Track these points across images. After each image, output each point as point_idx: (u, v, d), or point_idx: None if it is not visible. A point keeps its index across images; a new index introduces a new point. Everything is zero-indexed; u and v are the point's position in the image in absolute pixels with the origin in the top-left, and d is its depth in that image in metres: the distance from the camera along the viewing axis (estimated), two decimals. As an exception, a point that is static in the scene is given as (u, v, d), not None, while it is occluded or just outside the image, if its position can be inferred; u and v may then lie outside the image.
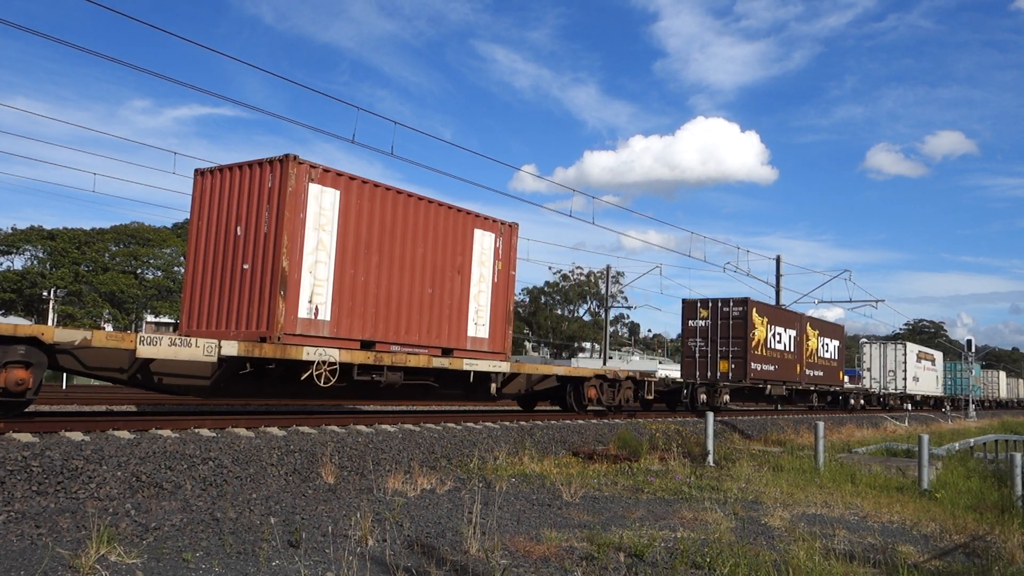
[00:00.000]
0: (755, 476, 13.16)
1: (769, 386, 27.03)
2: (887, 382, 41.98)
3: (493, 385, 15.82)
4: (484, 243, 15.79)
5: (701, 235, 74.71)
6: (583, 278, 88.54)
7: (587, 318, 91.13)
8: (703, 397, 24.12)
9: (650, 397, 20.69)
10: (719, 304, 26.15)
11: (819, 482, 12.85)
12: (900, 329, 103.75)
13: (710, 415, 15.87)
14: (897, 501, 11.35)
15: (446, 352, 14.79)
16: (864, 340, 44.63)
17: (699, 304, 26.48)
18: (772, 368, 27.01)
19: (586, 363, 60.71)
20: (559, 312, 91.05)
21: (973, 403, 50.21)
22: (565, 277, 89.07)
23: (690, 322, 26.66)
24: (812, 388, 31.19)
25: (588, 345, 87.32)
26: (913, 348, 44.70)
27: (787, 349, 28.55)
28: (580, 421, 17.80)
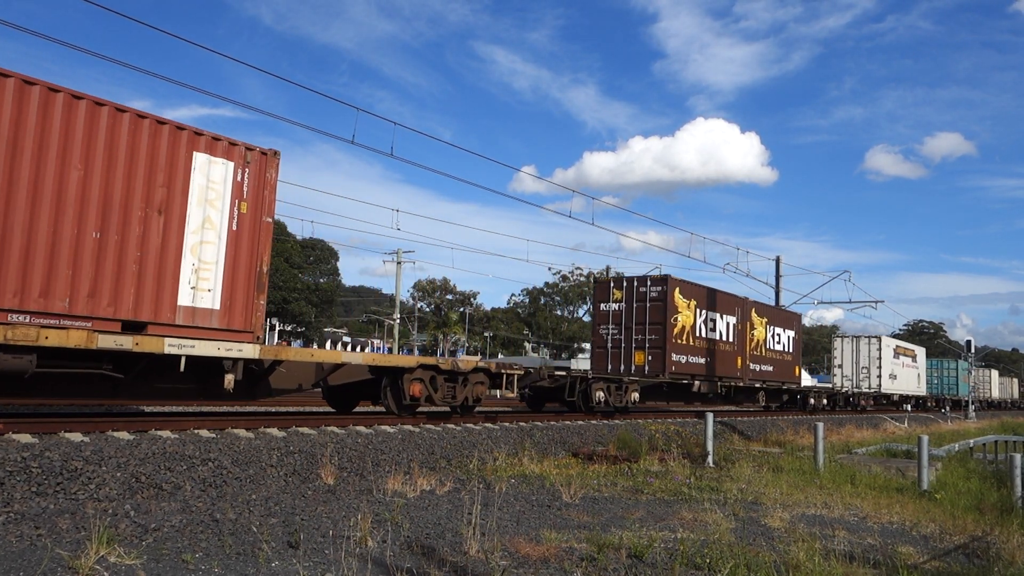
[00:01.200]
0: (755, 477, 13.16)
1: (697, 382, 22.68)
2: (860, 380, 38.81)
3: (229, 376, 11.22)
4: (213, 174, 11.20)
5: (701, 236, 74.58)
6: (583, 279, 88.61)
7: (587, 319, 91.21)
8: (599, 395, 18.96)
9: (511, 395, 16.95)
10: (635, 283, 21.81)
11: (819, 483, 12.85)
12: (900, 330, 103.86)
13: (709, 416, 15.86)
14: (897, 502, 11.35)
15: (132, 327, 10.23)
16: (836, 335, 41.83)
17: (612, 284, 22.36)
18: (702, 361, 23.09)
19: (586, 364, 58.53)
20: (559, 313, 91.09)
21: (973, 404, 49.44)
22: (565, 278, 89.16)
23: (602, 305, 22.42)
24: (758, 385, 27.04)
25: (588, 346, 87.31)
26: (889, 343, 41.37)
27: (724, 339, 24.57)
28: (580, 422, 17.79)
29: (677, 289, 21.98)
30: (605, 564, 6.74)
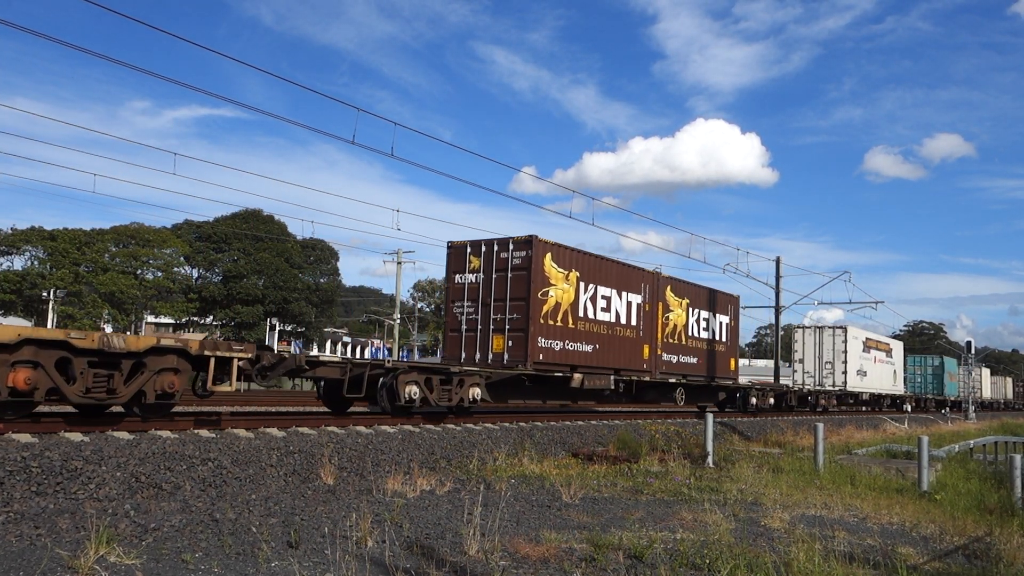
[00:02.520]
0: (755, 477, 13.15)
1: (579, 375, 17.81)
2: (823, 377, 34.61)
3: None
4: None
5: (701, 236, 74.70)
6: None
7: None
8: (411, 391, 13.66)
9: (228, 388, 11.29)
10: (495, 248, 17.20)
11: (819, 483, 12.85)
12: (900, 330, 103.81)
13: (709, 416, 15.86)
14: (897, 503, 11.34)
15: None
16: (797, 326, 37.01)
17: (469, 248, 17.56)
18: (588, 348, 18.29)
19: None
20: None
21: (973, 405, 48.79)
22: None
23: (456, 277, 17.63)
24: (674, 380, 22.29)
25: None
26: (858, 334, 36.78)
27: (623, 322, 19.73)
28: (580, 423, 17.79)
29: (549, 255, 17.06)
30: (605, 565, 6.74)
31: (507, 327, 16.82)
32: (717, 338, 24.87)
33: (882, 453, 19.00)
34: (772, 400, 28.06)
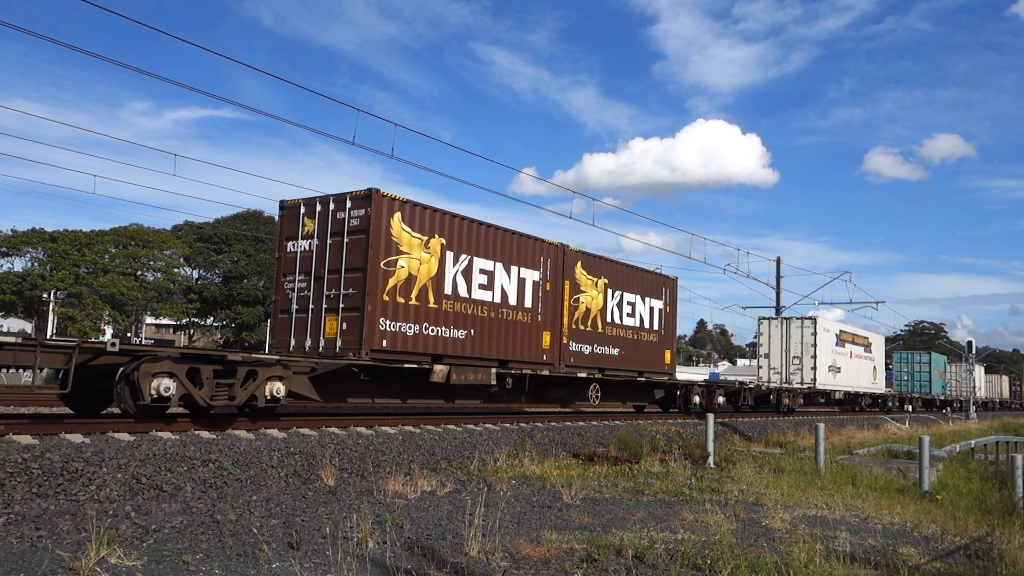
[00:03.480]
0: (756, 478, 13.15)
1: (443, 367, 14.23)
2: (790, 373, 31.13)
3: None
4: None
5: (701, 237, 74.75)
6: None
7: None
8: (160, 385, 10.29)
9: None
10: (330, 207, 13.86)
11: (820, 484, 12.84)
12: (901, 331, 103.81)
13: (710, 417, 15.86)
14: (898, 503, 11.33)
15: None
16: (763, 317, 33.02)
17: (303, 210, 14.21)
18: (460, 334, 14.79)
19: None
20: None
21: (974, 404, 48.36)
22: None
23: (289, 245, 14.34)
24: (586, 375, 18.63)
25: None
26: (830, 326, 33.13)
27: (510, 302, 16.21)
28: (581, 423, 17.78)
29: (398, 216, 13.68)
30: (606, 565, 6.74)
31: (341, 306, 13.43)
32: (646, 326, 21.07)
33: (883, 453, 18.99)
34: (722, 399, 24.87)
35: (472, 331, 15.28)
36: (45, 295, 61.54)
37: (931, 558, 8.10)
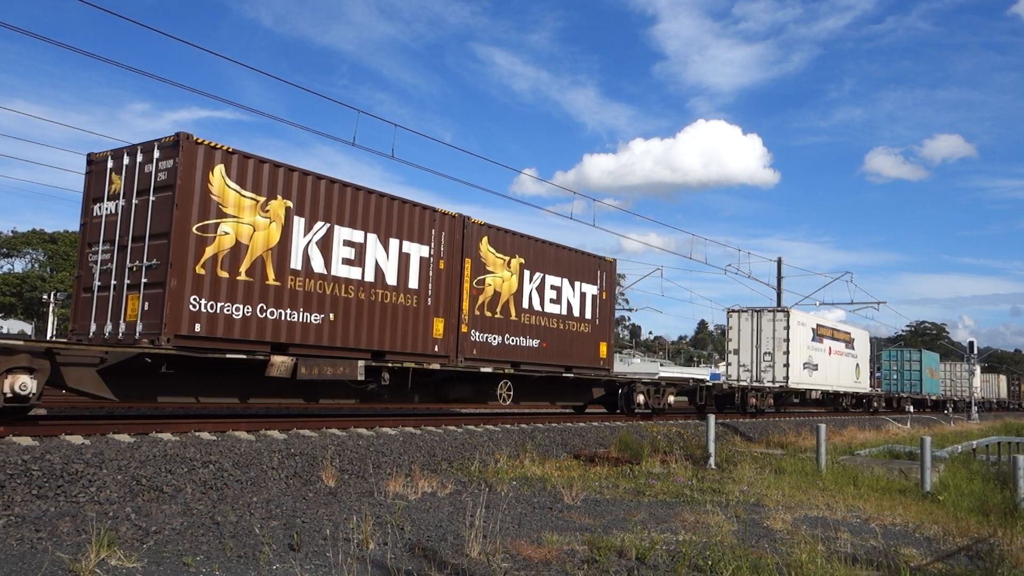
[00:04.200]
0: (757, 479, 13.13)
1: (284, 358, 11.85)
2: (761, 371, 28.66)
3: None
4: None
5: (702, 237, 74.75)
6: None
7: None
8: None
9: None
10: (138, 158, 11.38)
11: (821, 484, 12.82)
12: (902, 331, 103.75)
13: (711, 417, 15.85)
14: (900, 503, 11.32)
15: None
16: (732, 310, 30.27)
17: (111, 164, 11.68)
18: (315, 319, 12.39)
19: None
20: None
21: (976, 405, 47.92)
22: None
23: (95, 208, 11.86)
24: (495, 370, 16.04)
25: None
26: (805, 319, 30.47)
27: (388, 282, 13.67)
28: (582, 424, 17.77)
29: (220, 169, 11.34)
30: (607, 567, 6.72)
31: (144, 281, 10.94)
32: (576, 314, 18.31)
33: (885, 454, 18.96)
34: (672, 399, 22.05)
35: (332, 315, 12.66)
36: (45, 296, 61.61)
37: (933, 559, 8.09)
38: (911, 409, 41.52)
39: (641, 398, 20.51)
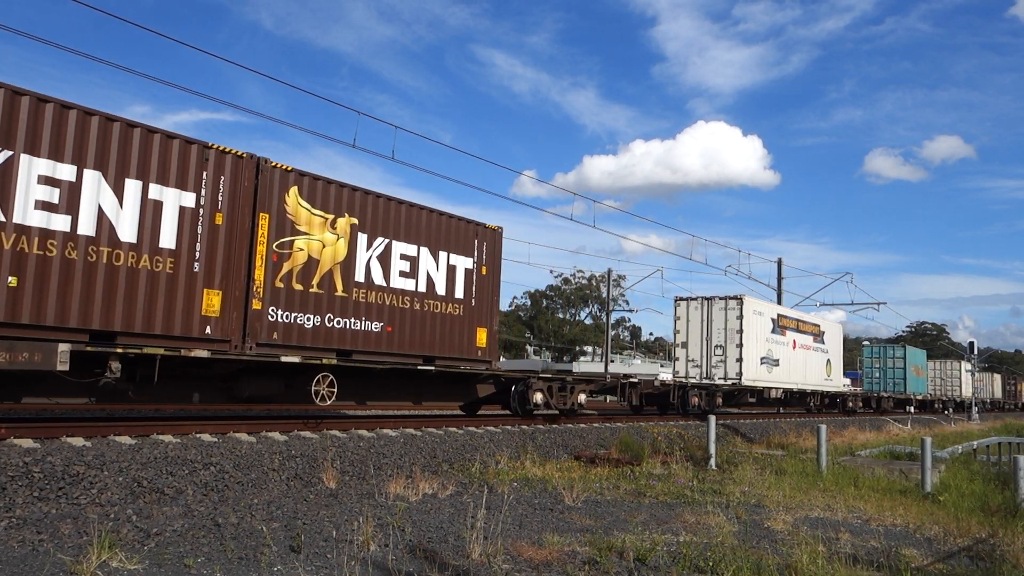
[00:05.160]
0: (757, 479, 13.13)
1: None
2: (712, 366, 25.42)
3: None
4: None
5: (702, 238, 74.80)
6: (584, 281, 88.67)
7: (589, 321, 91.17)
8: None
9: None
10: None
11: (822, 485, 12.82)
12: (903, 331, 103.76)
13: (711, 419, 15.85)
14: (900, 504, 11.32)
15: None
16: (680, 298, 26.97)
17: None
18: None
19: (587, 367, 51.25)
20: (560, 316, 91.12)
21: (976, 406, 47.68)
22: (566, 280, 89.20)
23: None
24: (308, 360, 12.29)
25: (590, 349, 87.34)
26: (763, 308, 27.05)
27: (118, 238, 10.10)
28: (582, 425, 17.76)
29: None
30: (608, 568, 6.73)
31: None
32: (440, 291, 14.75)
33: (885, 455, 18.95)
34: (583, 397, 18.59)
35: (17, 280, 9.23)
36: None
37: (934, 559, 8.09)
38: (912, 410, 41.40)
39: (539, 396, 16.96)
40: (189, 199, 11.04)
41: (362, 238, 13.33)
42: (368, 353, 13.33)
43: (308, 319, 12.46)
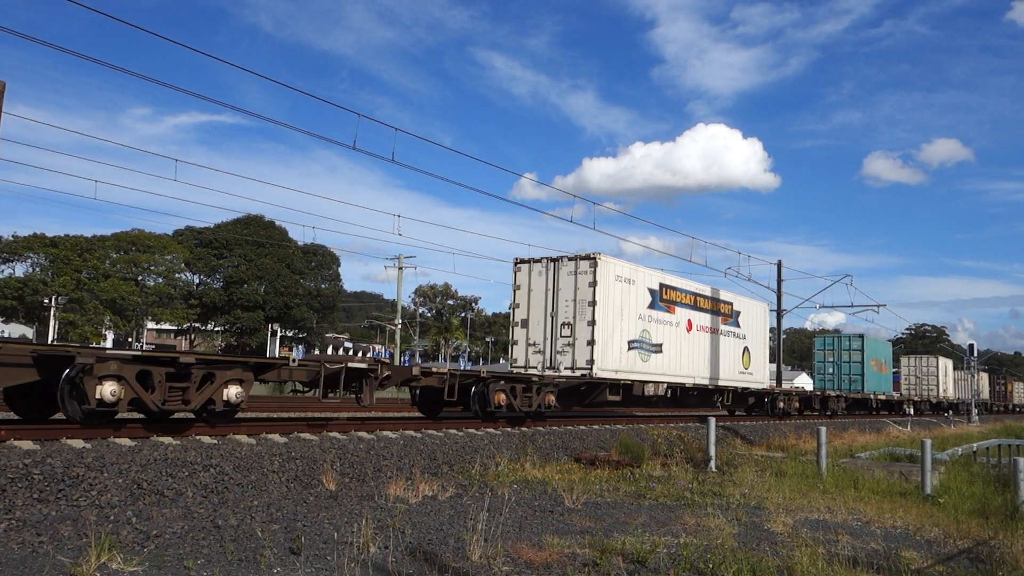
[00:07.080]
0: (757, 481, 13.12)
1: None
2: (557, 351, 18.95)
3: None
4: None
5: (702, 240, 74.71)
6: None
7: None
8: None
9: None
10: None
11: (822, 487, 12.82)
12: (902, 334, 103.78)
13: (712, 420, 15.83)
14: (900, 506, 11.31)
15: None
16: (520, 260, 19.95)
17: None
18: None
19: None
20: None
21: (976, 408, 47.31)
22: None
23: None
24: None
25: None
26: (630, 273, 19.98)
27: None
28: (582, 427, 17.75)
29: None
30: (608, 570, 6.72)
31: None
32: None
33: (885, 457, 18.95)
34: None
35: None
36: (46, 300, 61.61)
37: (934, 562, 8.09)
38: (911, 412, 41.24)
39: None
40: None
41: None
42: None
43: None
